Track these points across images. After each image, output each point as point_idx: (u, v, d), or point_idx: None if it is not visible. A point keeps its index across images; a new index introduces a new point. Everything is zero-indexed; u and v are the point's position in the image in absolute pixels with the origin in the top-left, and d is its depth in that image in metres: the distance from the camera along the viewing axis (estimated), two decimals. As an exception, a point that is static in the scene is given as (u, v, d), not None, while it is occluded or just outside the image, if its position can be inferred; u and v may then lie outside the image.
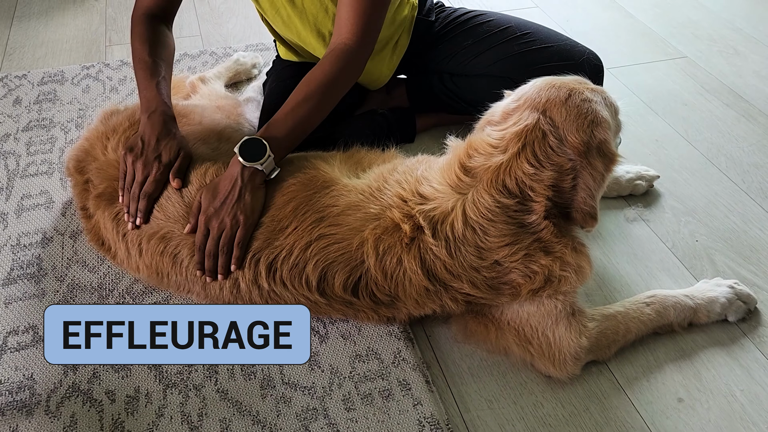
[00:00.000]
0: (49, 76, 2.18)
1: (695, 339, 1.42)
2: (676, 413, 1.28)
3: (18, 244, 1.58)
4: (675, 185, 1.82)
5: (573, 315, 1.31)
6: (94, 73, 2.21)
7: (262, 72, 2.20)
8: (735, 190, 1.82)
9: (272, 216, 1.33)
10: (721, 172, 1.88)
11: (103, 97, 2.09)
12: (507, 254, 1.25)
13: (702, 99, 2.19)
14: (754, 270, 1.57)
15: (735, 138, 2.01)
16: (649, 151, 1.96)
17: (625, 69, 2.35)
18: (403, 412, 1.25)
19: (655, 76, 2.31)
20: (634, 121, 2.08)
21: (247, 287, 1.31)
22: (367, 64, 1.75)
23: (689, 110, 2.13)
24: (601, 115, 1.30)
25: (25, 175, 1.78)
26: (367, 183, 1.35)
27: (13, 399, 1.26)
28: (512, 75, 1.74)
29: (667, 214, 1.74)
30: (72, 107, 2.04)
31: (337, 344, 1.37)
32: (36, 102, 2.06)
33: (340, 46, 1.45)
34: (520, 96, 1.34)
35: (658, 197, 1.79)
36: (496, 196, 1.24)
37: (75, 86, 2.14)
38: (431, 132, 2.00)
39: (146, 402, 1.26)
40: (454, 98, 1.87)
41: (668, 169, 1.88)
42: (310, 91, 1.41)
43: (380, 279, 1.27)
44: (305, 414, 1.24)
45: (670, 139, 2.01)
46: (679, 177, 1.86)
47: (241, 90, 2.14)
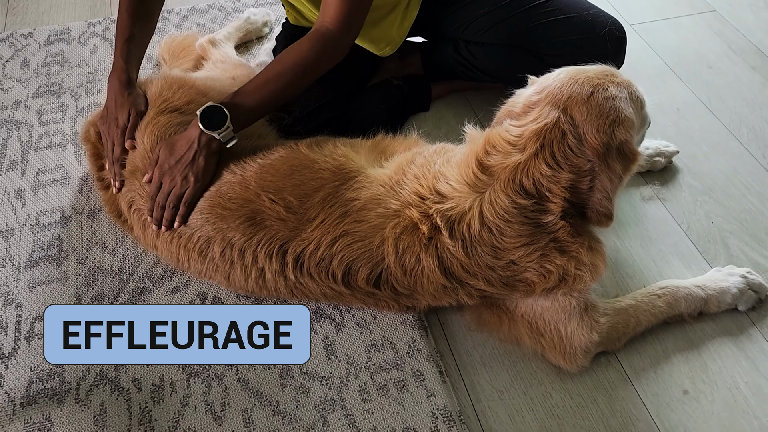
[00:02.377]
0: (55, 35, 2.13)
1: (704, 328, 1.44)
2: (681, 405, 1.33)
3: (37, 224, 1.60)
4: (694, 161, 1.80)
5: (585, 310, 1.34)
6: (101, 31, 2.15)
7: (273, 30, 2.14)
8: (755, 166, 1.79)
9: (300, 201, 1.33)
10: (742, 145, 1.85)
11: (111, 60, 2.04)
12: (523, 254, 1.26)
13: (728, 61, 2.11)
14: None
15: (759, 106, 1.96)
16: (670, 121, 1.92)
17: (649, 25, 2.26)
18: (417, 403, 1.30)
19: (680, 34, 2.22)
20: (657, 87, 2.03)
21: (273, 277, 1.34)
22: (375, 29, 1.70)
23: (714, 74, 2.07)
24: (624, 114, 1.27)
25: (38, 147, 1.78)
26: (388, 175, 1.35)
27: (44, 387, 1.32)
28: (531, 47, 1.70)
29: (684, 193, 1.72)
30: (81, 70, 2.01)
31: (353, 333, 1.41)
32: (44, 64, 2.02)
33: (321, 29, 1.42)
34: (542, 89, 1.31)
35: (676, 174, 1.77)
36: (513, 197, 1.24)
37: (82, 46, 2.09)
38: (447, 99, 1.97)
39: (171, 391, 1.32)
40: (469, 67, 1.82)
41: (688, 143, 1.85)
42: (284, 70, 1.40)
43: (400, 275, 1.29)
44: (323, 405, 1.30)
45: (692, 107, 1.96)
46: (699, 151, 1.82)
47: (251, 51, 2.09)
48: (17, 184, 1.69)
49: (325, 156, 1.38)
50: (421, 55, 1.90)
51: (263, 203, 1.32)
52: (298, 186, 1.34)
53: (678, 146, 1.80)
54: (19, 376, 1.34)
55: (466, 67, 1.83)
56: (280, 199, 1.32)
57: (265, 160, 1.39)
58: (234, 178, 1.37)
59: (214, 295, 1.47)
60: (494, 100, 1.92)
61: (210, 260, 1.38)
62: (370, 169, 1.38)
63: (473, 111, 1.94)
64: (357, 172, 1.36)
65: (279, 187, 1.34)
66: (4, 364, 1.36)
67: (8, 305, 1.45)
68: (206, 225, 1.36)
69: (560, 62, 1.65)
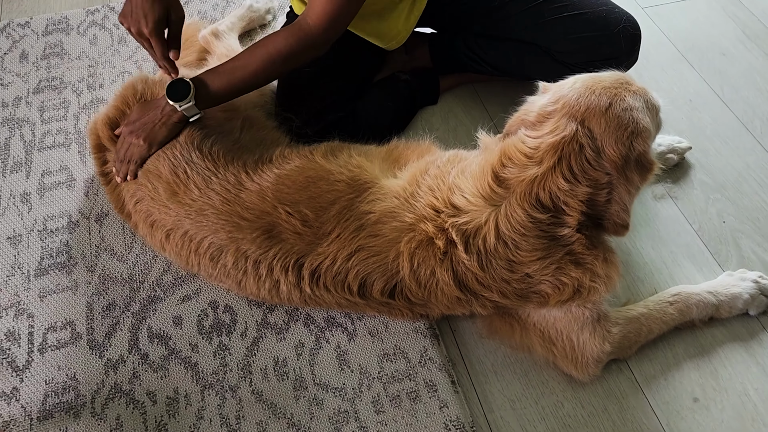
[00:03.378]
0: (53, 24, 2.08)
1: (714, 334, 1.45)
2: (691, 414, 1.34)
3: (45, 229, 1.59)
4: (706, 156, 1.78)
5: (598, 321, 1.34)
6: (100, 20, 2.10)
7: (277, 18, 2.09)
8: (767, 161, 1.77)
9: (316, 214, 1.32)
10: (755, 139, 1.82)
11: (111, 51, 2.00)
12: (538, 268, 1.25)
13: (742, 48, 2.07)
14: (780, 256, 1.58)
15: (773, 96, 1.93)
16: (682, 114, 1.88)
17: (662, 8, 2.20)
18: (429, 414, 1.32)
19: (693, 18, 2.17)
20: (669, 76, 1.99)
21: (288, 289, 1.33)
22: (382, 22, 1.65)
23: (727, 62, 2.02)
24: (642, 125, 1.25)
25: (42, 147, 1.75)
26: (402, 186, 1.33)
27: (59, 400, 1.33)
28: (543, 43, 1.66)
29: (695, 191, 1.71)
30: (81, 63, 1.96)
31: (366, 342, 1.41)
32: (43, 57, 1.98)
33: (303, 25, 1.40)
34: (557, 98, 1.28)
35: (688, 170, 1.75)
36: (529, 211, 1.22)
37: (81, 36, 2.04)
38: (455, 92, 1.93)
39: (186, 404, 1.33)
40: (479, 61, 1.78)
41: (700, 137, 1.82)
42: (254, 58, 1.40)
43: (414, 288, 1.29)
44: (337, 417, 1.31)
45: (704, 99, 1.92)
46: (711, 146, 1.80)
47: (254, 40, 2.03)
48: (23, 186, 1.67)
49: (340, 167, 1.37)
50: (429, 48, 1.85)
51: (280, 216, 1.31)
52: (314, 198, 1.33)
53: (690, 141, 1.78)
54: (35, 389, 1.35)
55: (476, 62, 1.79)
56: (296, 212, 1.31)
57: (281, 170, 1.37)
58: (252, 186, 1.35)
59: (226, 303, 1.47)
60: (504, 92, 1.91)
61: (222, 267, 1.37)
62: (384, 180, 1.36)
63: (482, 104, 1.91)
64: (371, 183, 1.35)
65: (295, 200, 1.33)
66: (20, 377, 1.36)
67: (20, 316, 1.45)
68: (221, 231, 1.34)
69: (572, 60, 1.63)
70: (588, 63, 1.62)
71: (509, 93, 1.90)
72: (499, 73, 1.81)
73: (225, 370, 1.37)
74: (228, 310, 1.46)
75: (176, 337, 1.42)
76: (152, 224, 1.40)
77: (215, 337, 1.42)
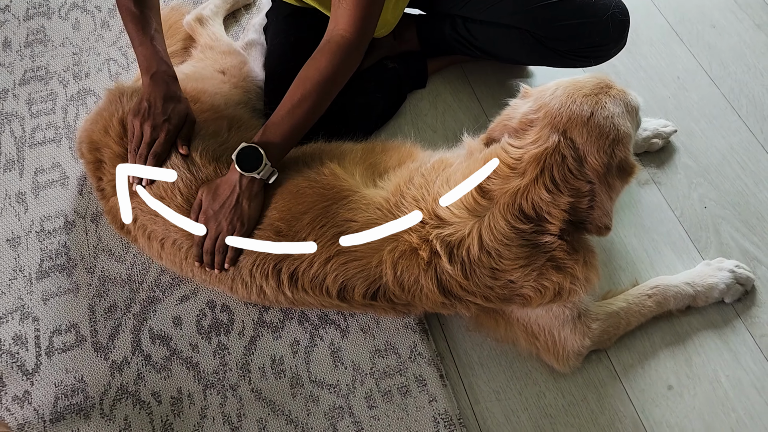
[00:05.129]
0: (33, 7, 2.04)
1: (691, 322, 1.52)
2: (665, 401, 1.43)
3: (42, 230, 1.63)
4: (691, 139, 1.80)
5: (578, 317, 1.40)
6: (81, 2, 2.05)
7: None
8: (751, 142, 1.79)
9: (288, 224, 1.36)
10: (740, 119, 1.84)
11: (95, 36, 1.97)
12: (521, 275, 1.30)
13: (733, 18, 2.05)
14: (757, 242, 1.63)
15: (761, 72, 1.92)
16: (669, 93, 1.89)
17: (654, -24, 2.16)
18: (419, 408, 1.40)
19: (685, -14, 2.13)
20: (658, 51, 1.98)
21: (273, 293, 1.39)
22: None
23: (717, 35, 2.01)
24: (623, 131, 1.28)
25: (33, 143, 1.77)
26: (385, 197, 1.36)
27: (70, 402, 1.41)
28: (531, 29, 1.65)
29: (679, 175, 1.74)
30: (65, 51, 1.94)
31: (358, 339, 1.48)
32: (26, 44, 1.96)
33: (336, 38, 1.38)
34: (539, 106, 1.30)
35: (673, 154, 1.77)
36: (512, 222, 1.26)
37: (63, 20, 2.01)
38: (443, 74, 1.93)
39: (189, 403, 1.41)
40: (467, 45, 1.78)
41: (687, 117, 1.84)
42: (306, 91, 1.37)
43: (398, 292, 1.34)
44: (332, 413, 1.39)
45: (692, 75, 1.93)
46: (697, 127, 1.82)
47: (240, 21, 2.01)
48: (17, 186, 1.69)
49: (309, 179, 1.39)
50: (417, 31, 1.84)
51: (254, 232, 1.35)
52: (284, 211, 1.36)
53: (676, 121, 1.81)
54: (46, 392, 1.42)
55: (464, 45, 1.78)
56: (267, 225, 1.36)
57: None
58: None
59: (223, 303, 1.53)
60: (492, 73, 1.91)
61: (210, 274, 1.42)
62: (364, 189, 1.38)
63: (471, 86, 1.91)
64: (350, 191, 1.37)
65: (265, 215, 1.37)
66: (30, 380, 1.44)
67: (25, 319, 1.51)
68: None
69: (562, 47, 1.63)
70: (577, 50, 1.63)
71: (498, 74, 1.91)
72: (488, 57, 1.80)
73: (225, 369, 1.45)
74: (225, 310, 1.52)
75: (177, 338, 1.48)
76: (149, 236, 1.43)
77: (214, 336, 1.48)
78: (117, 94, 1.51)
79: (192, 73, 1.63)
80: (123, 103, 1.49)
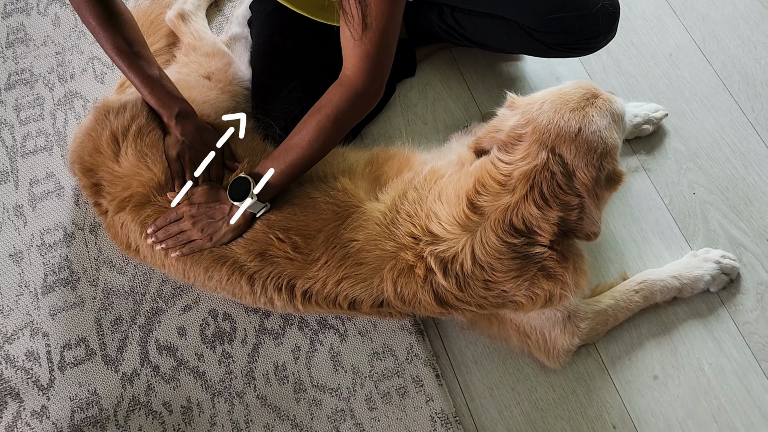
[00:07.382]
0: (11, 3, 1.99)
1: (677, 312, 1.57)
2: (650, 391, 1.50)
3: (43, 244, 1.66)
4: (682, 121, 1.80)
5: (568, 318, 1.46)
6: (59, -6, 2.00)
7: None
8: (742, 122, 1.79)
9: (306, 241, 1.39)
10: (731, 97, 1.83)
11: (77, 33, 1.93)
12: (513, 285, 1.34)
13: (727, -14, 2.00)
14: (744, 228, 1.66)
15: (754, 45, 1.90)
16: (661, 71, 1.87)
17: (648, -59, 2.09)
18: (417, 408, 1.48)
19: (680, -49, 2.07)
20: (650, 26, 1.95)
21: (283, 305, 1.44)
22: None
23: (710, 6, 1.97)
24: (610, 143, 1.29)
25: (25, 153, 1.77)
26: (383, 212, 1.39)
27: (86, 415, 1.49)
28: (521, 20, 1.62)
29: (669, 160, 1.75)
30: (48, 50, 1.91)
31: (356, 342, 1.54)
32: (8, 45, 1.92)
33: (345, 80, 1.36)
34: (527, 120, 1.31)
35: (663, 138, 1.78)
36: (503, 237, 1.29)
37: (43, 17, 1.96)
38: (433, 60, 1.90)
39: (199, 412, 1.48)
40: (455, 35, 1.75)
41: (678, 98, 1.83)
42: (313, 126, 1.37)
43: (399, 304, 1.39)
44: (335, 416, 1.47)
45: (684, 51, 1.90)
46: (688, 109, 1.81)
47: (224, 11, 1.96)
48: (14, 199, 1.71)
49: (324, 194, 1.42)
50: (404, 20, 1.80)
51: (272, 241, 1.39)
52: (302, 226, 1.39)
53: (668, 102, 1.81)
54: (62, 406, 1.50)
55: (452, 35, 1.75)
56: (287, 237, 1.39)
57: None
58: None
59: (224, 311, 1.58)
60: (483, 58, 1.88)
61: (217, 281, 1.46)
62: (367, 203, 1.41)
63: (460, 73, 1.89)
64: (354, 207, 1.40)
65: (285, 227, 1.40)
66: (46, 395, 1.51)
67: (35, 335, 1.56)
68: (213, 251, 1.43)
69: (551, 40, 1.61)
70: (567, 43, 1.60)
71: (487, 57, 1.89)
72: (477, 46, 1.78)
73: (230, 377, 1.51)
74: (227, 318, 1.57)
75: (182, 348, 1.54)
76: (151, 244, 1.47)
77: (218, 345, 1.55)
78: (103, 111, 1.51)
79: (178, 82, 1.61)
80: (110, 120, 1.49)
